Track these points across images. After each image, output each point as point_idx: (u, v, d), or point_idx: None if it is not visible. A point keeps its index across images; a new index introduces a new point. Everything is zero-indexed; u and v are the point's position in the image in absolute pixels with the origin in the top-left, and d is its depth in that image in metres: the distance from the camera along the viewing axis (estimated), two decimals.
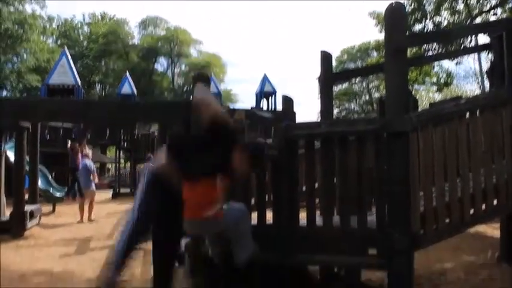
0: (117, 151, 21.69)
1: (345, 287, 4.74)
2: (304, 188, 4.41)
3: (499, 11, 15.96)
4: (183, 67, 46.30)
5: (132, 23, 56.77)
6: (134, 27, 48.24)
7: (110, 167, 33.50)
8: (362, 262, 3.74)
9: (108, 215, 11.86)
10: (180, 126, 4.28)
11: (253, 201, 4.65)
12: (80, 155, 13.59)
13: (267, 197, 4.46)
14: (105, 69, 45.21)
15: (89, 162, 12.09)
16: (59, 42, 43.32)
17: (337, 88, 42.93)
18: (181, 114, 7.43)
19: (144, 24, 46.78)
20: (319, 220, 3.97)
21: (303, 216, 3.98)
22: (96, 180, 12.21)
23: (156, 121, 11.61)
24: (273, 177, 4.15)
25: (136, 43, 45.74)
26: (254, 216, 4.30)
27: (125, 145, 20.12)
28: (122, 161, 29.55)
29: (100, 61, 44.67)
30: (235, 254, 3.85)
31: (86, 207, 11.26)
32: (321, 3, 67.31)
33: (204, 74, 7.16)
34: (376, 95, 40.69)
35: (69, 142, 15.57)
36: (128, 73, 24.13)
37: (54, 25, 45.19)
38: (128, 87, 21.11)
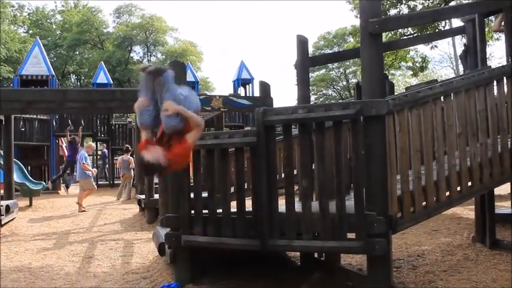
0: (95, 142, 21.36)
1: (325, 271, 4.79)
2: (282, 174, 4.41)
3: None
4: (159, 55, 45.61)
5: (106, 11, 55.61)
6: (109, 15, 47.20)
7: None
8: (341, 246, 3.77)
9: (87, 207, 11.72)
10: None
11: (232, 189, 4.64)
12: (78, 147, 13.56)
13: (246, 185, 4.45)
14: (80, 59, 44.26)
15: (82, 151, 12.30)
16: (30, 31, 42.11)
17: (314, 74, 43.08)
18: None
19: (118, 12, 45.83)
20: (298, 206, 3.98)
21: (282, 202, 3.99)
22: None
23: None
24: (252, 164, 4.13)
25: (111, 31, 44.82)
26: (233, 204, 4.30)
27: (102, 136, 19.88)
28: (100, 152, 29.09)
29: (74, 51, 43.68)
30: None
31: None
32: None
33: (178, 62, 7.06)
34: (353, 80, 40.92)
35: (68, 133, 15.30)
36: (102, 62, 23.68)
37: (25, 13, 43.92)
38: (104, 76, 20.70)
